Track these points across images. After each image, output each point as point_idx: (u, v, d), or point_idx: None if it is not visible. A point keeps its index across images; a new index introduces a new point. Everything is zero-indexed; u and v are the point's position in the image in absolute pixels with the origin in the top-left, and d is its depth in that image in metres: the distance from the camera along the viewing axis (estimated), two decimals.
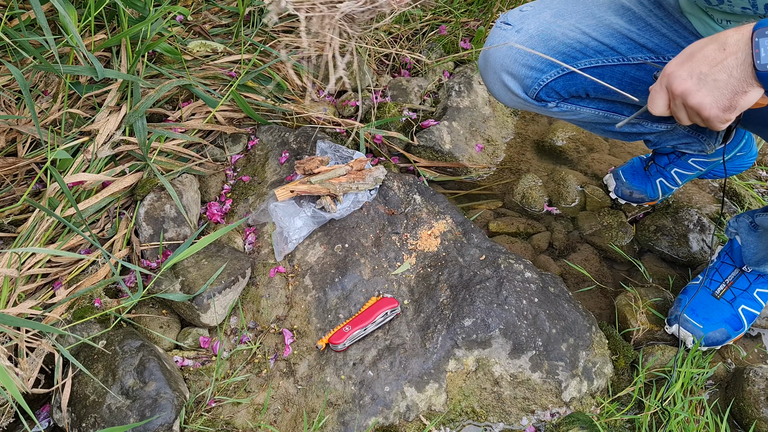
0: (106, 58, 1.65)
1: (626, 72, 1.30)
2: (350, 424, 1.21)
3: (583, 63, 1.29)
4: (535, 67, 1.29)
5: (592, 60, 1.29)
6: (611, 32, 1.27)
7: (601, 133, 1.55)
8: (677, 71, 0.97)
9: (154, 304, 1.38)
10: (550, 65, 1.29)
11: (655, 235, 1.64)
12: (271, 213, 1.45)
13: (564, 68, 1.29)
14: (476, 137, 1.87)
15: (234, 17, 1.97)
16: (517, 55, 1.29)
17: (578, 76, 1.31)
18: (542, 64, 1.29)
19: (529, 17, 1.30)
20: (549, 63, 1.29)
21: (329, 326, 1.32)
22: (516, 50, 1.29)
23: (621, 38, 1.27)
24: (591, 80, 1.32)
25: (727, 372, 1.38)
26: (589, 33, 1.28)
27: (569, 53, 1.28)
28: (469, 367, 1.26)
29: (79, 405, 1.18)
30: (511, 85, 1.32)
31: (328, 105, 1.83)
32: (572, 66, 1.29)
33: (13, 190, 1.46)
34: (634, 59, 1.28)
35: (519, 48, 1.29)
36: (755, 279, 1.40)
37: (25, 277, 1.34)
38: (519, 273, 1.35)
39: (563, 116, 1.42)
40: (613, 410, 1.28)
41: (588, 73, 1.30)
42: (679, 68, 0.97)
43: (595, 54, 1.28)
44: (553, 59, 1.19)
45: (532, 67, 1.29)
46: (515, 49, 1.29)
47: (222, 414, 1.24)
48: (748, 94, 0.93)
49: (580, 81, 1.32)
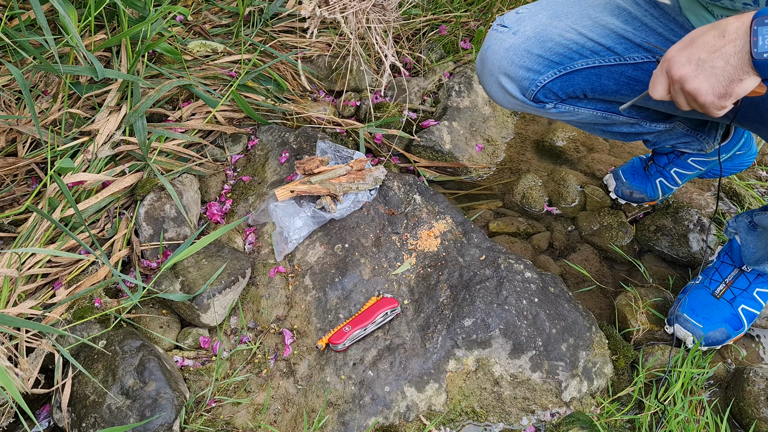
0: (106, 58, 1.65)
1: (623, 72, 1.30)
2: (350, 424, 1.21)
3: (580, 63, 1.29)
4: (532, 69, 1.29)
5: (588, 60, 1.29)
6: (607, 32, 1.28)
7: (600, 133, 1.55)
8: (677, 56, 0.98)
9: (154, 304, 1.38)
10: (547, 66, 1.29)
11: (655, 235, 1.64)
12: (271, 213, 1.45)
13: (561, 69, 1.29)
14: (476, 137, 1.87)
15: (234, 17, 1.97)
16: (514, 57, 1.29)
17: (576, 77, 1.32)
18: (539, 65, 1.29)
19: (525, 19, 1.31)
20: (546, 64, 1.29)
21: (329, 326, 1.32)
22: (513, 52, 1.29)
23: (617, 38, 1.27)
24: (588, 80, 1.32)
25: (727, 372, 1.38)
26: (586, 34, 1.28)
27: (566, 54, 1.28)
28: (469, 367, 1.26)
29: (79, 405, 1.18)
30: (509, 87, 1.32)
31: (328, 105, 1.83)
32: (569, 67, 1.30)
33: (13, 190, 1.46)
34: (630, 59, 1.29)
35: (515, 50, 1.29)
36: (755, 279, 1.40)
37: (25, 277, 1.34)
38: (519, 273, 1.35)
39: (561, 117, 1.42)
40: (613, 410, 1.28)
41: (585, 74, 1.31)
42: (679, 53, 0.98)
43: (591, 54, 1.28)
44: None
45: (529, 69, 1.29)
46: (512, 51, 1.29)
47: (222, 414, 1.25)
48: (743, 82, 0.94)
49: (578, 82, 1.32)
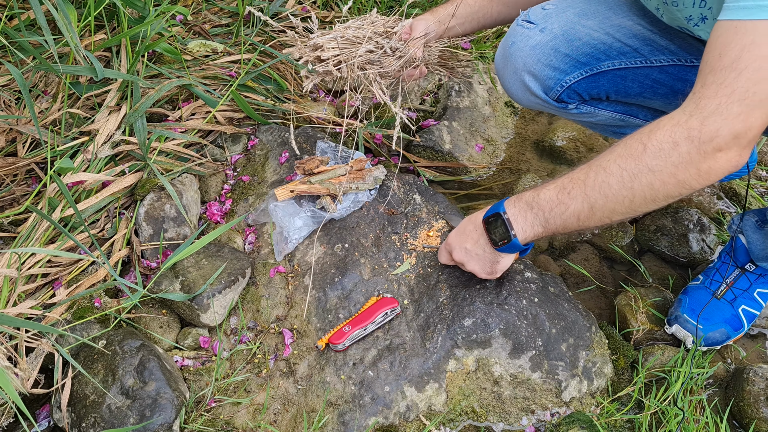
0: (105, 58, 1.65)
1: (648, 74, 1.28)
2: (350, 424, 1.21)
3: (607, 65, 1.26)
4: (558, 68, 1.26)
5: (615, 62, 1.26)
6: (634, 34, 1.25)
7: (612, 134, 1.53)
8: (454, 243, 1.22)
9: (154, 304, 1.38)
10: (574, 66, 1.26)
11: (655, 235, 1.64)
12: (271, 213, 1.45)
13: (588, 69, 1.28)
14: (476, 137, 1.87)
15: (234, 17, 1.97)
16: (541, 55, 1.26)
17: (601, 78, 1.29)
18: (566, 65, 1.26)
19: (552, 16, 1.27)
20: (572, 64, 1.26)
21: (329, 326, 1.32)
22: (540, 50, 1.26)
23: (643, 40, 1.25)
24: (613, 82, 1.30)
25: (727, 372, 1.38)
26: (613, 34, 1.25)
27: (593, 54, 1.25)
28: (469, 367, 1.26)
29: (79, 405, 1.18)
30: (532, 86, 1.30)
31: (328, 105, 1.83)
32: (596, 68, 1.28)
33: (13, 190, 1.46)
34: (657, 61, 1.26)
35: (543, 48, 1.26)
36: (756, 279, 1.40)
37: (25, 277, 1.34)
38: (519, 273, 1.35)
39: (580, 118, 1.40)
40: (613, 410, 1.28)
41: (610, 75, 1.30)
42: (455, 241, 1.22)
43: (618, 56, 1.26)
44: None
45: (556, 68, 1.26)
46: (539, 49, 1.26)
47: (222, 414, 1.24)
48: (500, 263, 1.19)
49: (603, 83, 1.29)
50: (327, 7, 2.14)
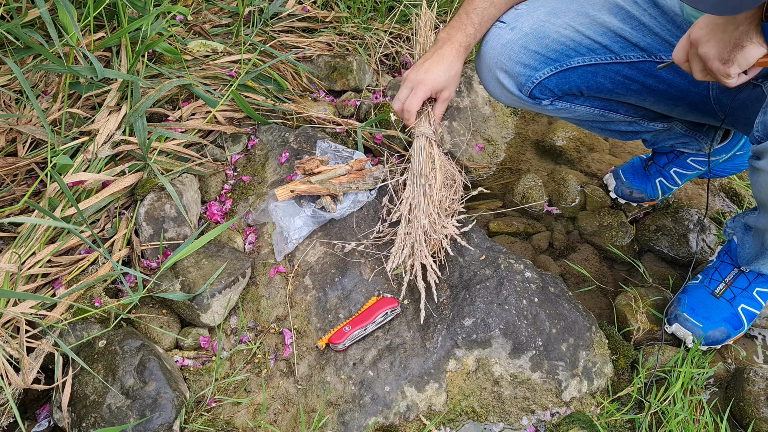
0: (106, 58, 1.65)
1: (618, 71, 1.31)
2: (350, 423, 1.21)
3: (576, 61, 1.30)
4: (528, 65, 1.29)
5: (584, 58, 1.29)
6: (604, 31, 1.28)
7: (599, 131, 1.55)
8: (700, 20, 1.00)
9: (154, 304, 1.38)
10: (544, 63, 1.29)
11: (655, 235, 1.64)
12: (271, 213, 1.45)
13: (557, 66, 1.29)
14: (476, 137, 1.87)
15: (234, 17, 1.97)
16: (511, 53, 1.29)
17: (571, 74, 1.32)
18: (535, 61, 1.29)
19: (523, 16, 1.31)
20: (542, 61, 1.29)
21: (329, 326, 1.32)
22: (510, 48, 1.29)
23: (614, 37, 1.28)
24: (583, 78, 1.32)
25: (727, 372, 1.38)
26: (583, 31, 1.28)
27: (562, 51, 1.28)
28: (469, 367, 1.26)
29: (79, 405, 1.18)
30: (505, 83, 1.33)
31: (328, 105, 1.83)
32: (565, 64, 1.30)
33: (13, 190, 1.46)
34: (626, 58, 1.29)
35: (512, 45, 1.29)
36: (755, 278, 1.40)
37: (25, 277, 1.34)
38: (519, 273, 1.35)
39: (559, 114, 1.43)
40: (613, 410, 1.28)
41: (581, 71, 1.31)
42: (702, 20, 1.00)
43: (588, 52, 1.29)
44: None
45: (526, 65, 1.29)
46: (509, 47, 1.29)
47: (222, 414, 1.25)
48: (745, 49, 0.97)
49: (573, 79, 1.32)
50: (327, 7, 2.14)
